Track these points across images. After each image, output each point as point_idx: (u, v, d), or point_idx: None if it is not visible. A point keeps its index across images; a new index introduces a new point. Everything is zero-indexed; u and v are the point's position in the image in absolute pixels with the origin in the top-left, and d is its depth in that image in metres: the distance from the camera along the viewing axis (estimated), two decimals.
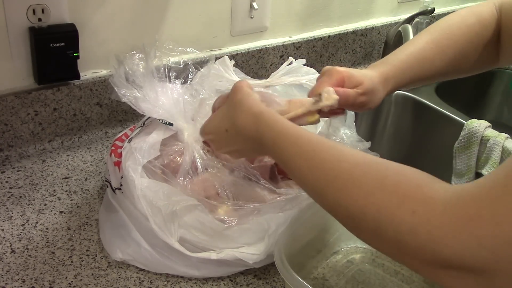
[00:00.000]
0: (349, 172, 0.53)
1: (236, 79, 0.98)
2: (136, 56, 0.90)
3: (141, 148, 0.83)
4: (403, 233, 0.46)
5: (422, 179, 0.49)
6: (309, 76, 0.99)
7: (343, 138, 0.96)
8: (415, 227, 0.45)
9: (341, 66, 0.85)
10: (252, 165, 0.84)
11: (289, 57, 1.04)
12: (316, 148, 0.58)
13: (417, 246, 0.45)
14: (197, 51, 1.02)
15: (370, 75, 0.81)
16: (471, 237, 0.42)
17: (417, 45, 0.85)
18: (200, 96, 0.92)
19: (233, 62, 0.99)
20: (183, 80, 0.95)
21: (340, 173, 0.54)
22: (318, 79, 0.82)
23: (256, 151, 0.72)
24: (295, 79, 0.98)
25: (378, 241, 0.50)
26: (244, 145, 0.71)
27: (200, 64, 0.99)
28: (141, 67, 0.89)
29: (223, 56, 1.01)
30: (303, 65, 1.01)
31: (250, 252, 0.78)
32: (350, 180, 0.53)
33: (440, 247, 0.43)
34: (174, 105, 0.88)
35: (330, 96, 0.76)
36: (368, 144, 0.97)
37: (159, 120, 0.87)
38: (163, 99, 0.88)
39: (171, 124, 0.86)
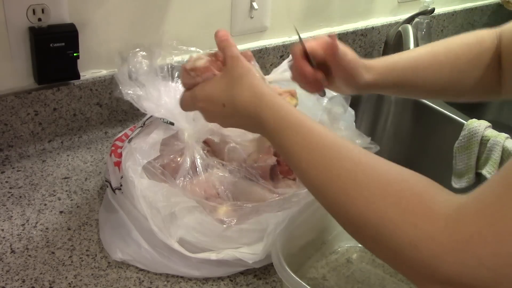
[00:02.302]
0: (352, 173, 0.52)
1: None
2: (139, 54, 0.90)
3: (141, 149, 0.83)
4: (403, 245, 0.46)
5: (425, 189, 0.48)
6: None
7: (342, 131, 0.96)
8: (416, 241, 0.45)
9: None
10: (255, 164, 0.84)
11: (290, 55, 1.04)
12: (320, 141, 0.56)
13: (417, 260, 0.45)
14: (200, 51, 1.02)
15: (355, 56, 0.79)
16: (471, 255, 0.42)
17: (414, 52, 0.84)
18: None
19: None
20: None
21: (342, 171, 0.53)
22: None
23: (254, 130, 0.67)
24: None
25: (377, 248, 0.50)
26: (241, 122, 0.66)
27: None
28: (144, 65, 0.89)
29: None
30: None
31: (250, 252, 0.78)
32: (352, 182, 0.51)
33: (440, 264, 0.43)
34: (176, 105, 0.88)
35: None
36: (368, 139, 0.97)
37: (161, 119, 0.86)
38: (165, 98, 0.88)
39: (172, 124, 0.86)
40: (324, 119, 0.96)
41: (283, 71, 1.00)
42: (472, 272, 0.42)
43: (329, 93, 1.01)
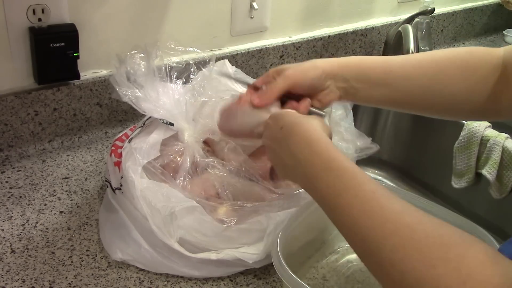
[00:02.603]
0: (411, 230, 0.47)
1: (235, 85, 0.97)
2: (137, 56, 0.90)
3: (141, 149, 0.83)
4: None
5: (484, 255, 0.45)
6: None
7: (343, 134, 0.96)
8: None
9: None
10: (255, 164, 0.84)
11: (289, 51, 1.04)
12: (376, 191, 0.52)
13: None
14: (199, 51, 1.02)
15: (314, 74, 0.74)
16: None
17: (393, 57, 0.77)
18: (202, 99, 0.92)
19: (234, 68, 0.99)
20: (184, 80, 0.95)
21: (400, 226, 0.48)
22: (267, 77, 0.76)
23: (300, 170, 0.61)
24: None
25: None
26: (294, 149, 0.62)
27: (201, 64, 0.99)
28: (142, 66, 0.89)
29: (223, 58, 1.01)
30: None
31: (250, 252, 0.78)
32: (411, 240, 0.47)
33: None
34: (175, 105, 0.88)
35: None
36: (368, 140, 0.96)
37: (160, 120, 0.87)
38: (164, 99, 0.88)
39: (171, 124, 0.86)
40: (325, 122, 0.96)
41: None
42: None
43: None
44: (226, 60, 1.02)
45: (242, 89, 0.96)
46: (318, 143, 0.60)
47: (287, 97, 0.76)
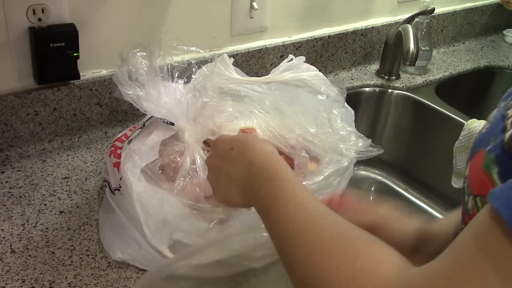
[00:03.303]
0: (321, 229, 0.51)
1: (237, 76, 0.98)
2: (139, 54, 0.90)
3: (140, 151, 0.83)
4: None
5: (383, 256, 0.47)
6: (310, 72, 1.00)
7: (343, 136, 0.95)
8: None
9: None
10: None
11: (289, 55, 1.04)
12: (306, 198, 0.55)
13: None
14: (201, 51, 1.02)
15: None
16: None
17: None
18: (204, 100, 0.92)
19: (232, 60, 0.99)
20: (185, 80, 0.94)
21: (313, 226, 0.52)
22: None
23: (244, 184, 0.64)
24: (295, 75, 0.98)
25: None
26: (237, 168, 0.65)
27: (203, 63, 0.99)
28: (144, 65, 0.89)
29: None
30: (303, 62, 1.01)
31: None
32: (318, 238, 0.50)
33: None
34: (176, 105, 0.88)
35: None
36: (368, 141, 0.96)
37: (161, 119, 0.86)
38: (165, 99, 0.88)
39: (172, 124, 0.86)
40: (323, 120, 0.96)
41: (282, 71, 1.00)
42: None
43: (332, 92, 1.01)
44: (225, 54, 1.02)
45: (238, 76, 0.97)
46: (270, 157, 0.62)
47: None
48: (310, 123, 0.93)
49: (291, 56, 1.03)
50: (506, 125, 0.48)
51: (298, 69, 1.00)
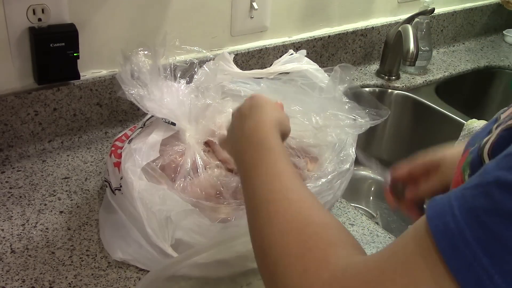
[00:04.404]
0: (288, 203, 0.52)
1: (239, 70, 0.98)
2: (141, 53, 0.90)
3: (141, 150, 0.83)
4: (288, 285, 0.46)
5: (336, 240, 0.48)
6: (311, 65, 1.00)
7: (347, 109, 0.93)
8: (299, 285, 0.45)
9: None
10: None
11: (289, 50, 1.04)
12: (285, 171, 0.56)
13: None
14: (203, 50, 1.02)
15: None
16: None
17: None
18: (207, 102, 0.91)
19: (232, 56, 0.99)
20: (188, 79, 0.94)
21: (282, 198, 0.53)
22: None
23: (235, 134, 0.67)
24: (297, 66, 0.98)
25: (269, 281, 0.49)
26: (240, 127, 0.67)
27: (205, 63, 0.98)
28: (147, 64, 0.89)
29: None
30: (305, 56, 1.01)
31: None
32: (282, 211, 0.51)
33: None
34: (178, 105, 0.88)
35: None
36: (373, 110, 0.95)
37: (162, 119, 0.86)
38: (168, 99, 0.88)
39: (173, 124, 0.86)
40: (325, 116, 0.95)
41: (283, 62, 1.00)
42: None
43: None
44: (225, 51, 1.02)
45: (237, 70, 0.97)
46: (267, 126, 0.64)
47: None
48: (310, 121, 0.93)
49: (291, 50, 1.03)
50: (492, 129, 0.48)
51: (300, 62, 1.00)
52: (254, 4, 1.23)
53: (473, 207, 0.37)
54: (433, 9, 1.45)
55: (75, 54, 1.01)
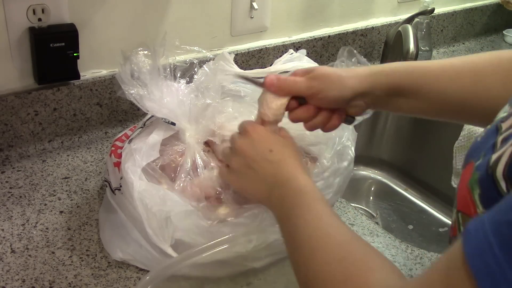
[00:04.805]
0: (329, 237, 0.56)
1: (239, 70, 0.98)
2: (141, 53, 0.90)
3: (141, 150, 0.83)
4: None
5: (378, 267, 0.50)
6: (311, 64, 1.00)
7: None
8: None
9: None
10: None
11: (290, 50, 1.04)
12: (327, 212, 0.60)
13: None
14: (203, 50, 1.02)
15: (340, 94, 0.72)
16: None
17: (428, 65, 0.75)
18: (207, 101, 0.91)
19: (233, 55, 0.99)
20: (188, 79, 0.94)
21: (323, 235, 0.56)
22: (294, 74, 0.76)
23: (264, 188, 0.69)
24: (297, 65, 0.98)
25: None
26: (266, 173, 0.69)
27: (205, 63, 0.98)
28: (147, 64, 0.89)
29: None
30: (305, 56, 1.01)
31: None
32: (324, 244, 0.55)
33: None
34: (178, 105, 0.88)
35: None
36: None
37: (162, 119, 0.86)
38: (168, 98, 0.88)
39: (173, 124, 0.86)
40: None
41: (284, 62, 1.00)
42: None
43: None
44: (225, 51, 1.01)
45: (237, 69, 0.97)
46: (301, 172, 0.67)
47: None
48: None
49: (291, 50, 1.03)
50: (497, 142, 0.47)
51: (300, 61, 1.00)
52: (254, 4, 1.23)
53: None
54: (433, 9, 1.45)
55: (75, 54, 1.01)
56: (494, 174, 0.43)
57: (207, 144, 0.90)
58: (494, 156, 0.44)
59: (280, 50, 1.32)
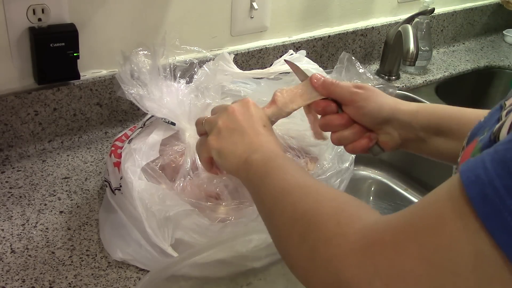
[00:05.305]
0: (319, 185, 0.55)
1: (239, 70, 0.98)
2: (141, 53, 0.90)
3: (141, 150, 0.83)
4: (321, 240, 0.47)
5: (368, 207, 0.50)
6: (312, 65, 1.00)
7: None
8: (332, 236, 0.46)
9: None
10: None
11: (289, 50, 1.04)
12: (298, 172, 0.59)
13: (326, 258, 0.45)
14: (203, 50, 1.02)
15: (379, 115, 0.73)
16: (370, 262, 0.42)
17: (467, 109, 0.76)
18: (207, 101, 0.91)
19: (232, 56, 0.99)
20: (188, 79, 0.94)
21: (314, 183, 0.56)
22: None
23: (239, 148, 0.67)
24: (298, 65, 0.98)
25: (298, 246, 0.50)
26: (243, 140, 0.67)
27: (205, 63, 0.99)
28: (147, 64, 0.89)
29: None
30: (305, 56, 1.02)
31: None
32: (314, 191, 0.54)
33: (342, 264, 0.44)
34: (178, 105, 0.88)
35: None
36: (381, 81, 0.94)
37: (162, 119, 0.86)
38: (167, 98, 0.88)
39: (173, 124, 0.86)
40: None
41: (284, 62, 1.00)
42: (368, 281, 0.41)
43: None
44: (225, 52, 1.01)
45: (237, 70, 0.97)
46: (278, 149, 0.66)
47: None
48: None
49: (291, 51, 1.03)
50: (501, 116, 0.48)
51: (300, 62, 1.00)
52: (254, 4, 1.23)
53: (505, 159, 0.37)
54: (433, 9, 1.45)
55: (75, 54, 1.01)
56: (497, 140, 0.44)
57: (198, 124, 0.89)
58: (497, 125, 0.45)
59: (280, 50, 1.32)
